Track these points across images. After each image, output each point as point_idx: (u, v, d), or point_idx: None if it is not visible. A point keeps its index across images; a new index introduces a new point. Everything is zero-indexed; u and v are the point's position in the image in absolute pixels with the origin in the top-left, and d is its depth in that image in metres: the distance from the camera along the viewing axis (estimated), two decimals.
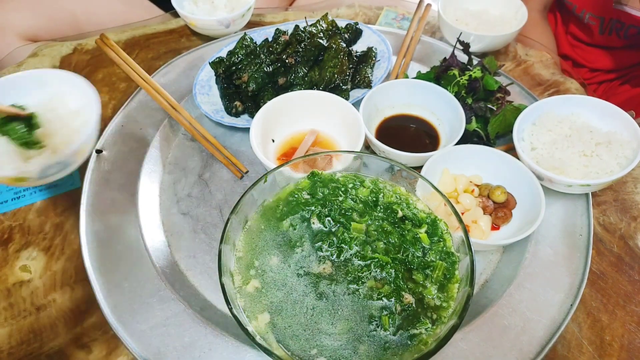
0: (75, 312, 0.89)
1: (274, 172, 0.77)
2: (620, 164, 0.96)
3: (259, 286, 0.69)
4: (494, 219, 0.96)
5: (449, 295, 0.68)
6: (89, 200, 1.02)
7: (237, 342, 0.82)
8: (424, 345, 0.63)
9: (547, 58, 1.40)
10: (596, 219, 1.02)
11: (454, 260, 0.71)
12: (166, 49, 1.44)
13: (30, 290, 0.92)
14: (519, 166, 0.97)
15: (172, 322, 0.85)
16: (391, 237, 0.73)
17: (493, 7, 1.43)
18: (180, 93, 1.25)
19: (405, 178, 0.80)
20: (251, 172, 1.11)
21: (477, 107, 1.09)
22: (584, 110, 1.05)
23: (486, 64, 1.14)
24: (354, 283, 0.69)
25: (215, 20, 1.37)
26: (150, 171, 1.10)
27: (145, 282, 0.90)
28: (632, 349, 0.84)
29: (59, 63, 1.37)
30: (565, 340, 0.85)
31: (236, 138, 1.17)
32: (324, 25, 1.30)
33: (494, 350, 0.81)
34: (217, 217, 1.03)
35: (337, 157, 0.82)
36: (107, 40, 1.18)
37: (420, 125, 1.17)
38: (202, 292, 0.91)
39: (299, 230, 0.75)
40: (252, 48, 1.26)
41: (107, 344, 0.85)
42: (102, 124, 1.22)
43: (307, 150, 1.09)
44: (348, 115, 1.07)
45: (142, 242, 0.96)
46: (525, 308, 0.86)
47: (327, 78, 1.18)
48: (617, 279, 0.93)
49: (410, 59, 1.34)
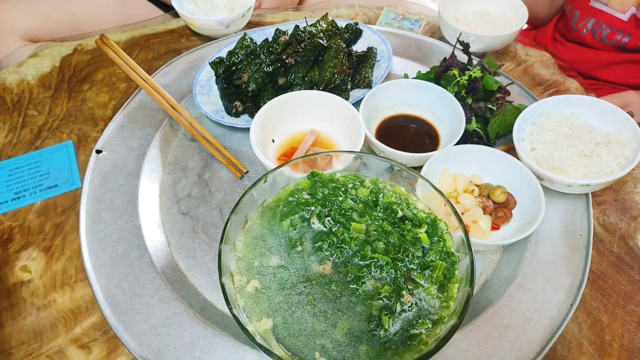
0: (75, 312, 0.89)
1: (274, 172, 0.77)
2: (620, 164, 0.96)
3: (259, 286, 0.69)
4: (494, 219, 0.96)
5: (449, 295, 0.68)
6: (89, 200, 1.02)
7: (237, 342, 0.82)
8: (424, 345, 0.63)
9: (547, 58, 1.40)
10: (596, 219, 1.02)
11: (454, 260, 0.71)
12: (166, 49, 1.44)
13: (30, 291, 0.92)
14: (519, 166, 0.97)
15: (172, 322, 0.85)
16: (391, 237, 0.73)
17: (493, 7, 1.43)
18: (180, 93, 1.25)
19: (405, 178, 0.80)
20: (251, 172, 1.11)
21: (477, 107, 1.09)
22: (584, 110, 1.05)
23: (486, 64, 1.14)
24: (354, 283, 0.69)
25: (215, 20, 1.37)
26: (150, 171, 1.10)
27: (145, 282, 0.90)
28: (632, 349, 0.84)
29: (59, 63, 1.38)
30: (565, 340, 0.85)
31: (236, 138, 1.17)
32: (324, 25, 1.30)
33: (494, 350, 0.81)
34: (217, 217, 1.03)
35: (337, 157, 0.82)
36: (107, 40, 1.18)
37: (420, 125, 1.17)
38: (202, 292, 0.91)
39: (299, 230, 0.75)
40: (252, 48, 1.26)
41: (107, 344, 0.85)
42: (102, 124, 1.23)
43: (307, 150, 1.09)
44: (348, 115, 1.07)
45: (142, 242, 0.96)
46: (525, 308, 0.86)
47: (327, 78, 1.18)
48: (617, 279, 0.93)
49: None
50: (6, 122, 1.23)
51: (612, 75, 1.56)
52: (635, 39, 1.44)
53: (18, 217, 1.04)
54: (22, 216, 1.04)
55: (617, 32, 1.47)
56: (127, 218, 1.00)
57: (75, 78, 1.34)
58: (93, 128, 1.22)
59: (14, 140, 1.19)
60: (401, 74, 1.30)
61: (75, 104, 1.28)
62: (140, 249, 0.95)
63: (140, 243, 0.96)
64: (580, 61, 1.59)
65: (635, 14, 1.42)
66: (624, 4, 1.44)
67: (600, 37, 1.51)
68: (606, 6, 1.47)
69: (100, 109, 1.27)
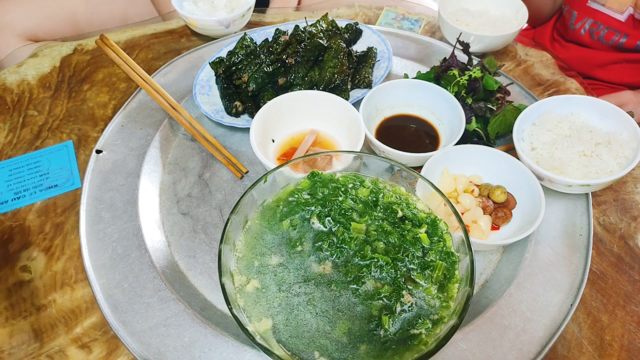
0: (75, 312, 0.89)
1: (274, 172, 0.77)
2: (620, 164, 0.96)
3: (259, 286, 0.69)
4: (494, 219, 0.96)
5: (449, 295, 0.68)
6: (89, 200, 1.02)
7: (237, 342, 0.82)
8: (424, 346, 0.63)
9: (547, 58, 1.40)
10: (596, 219, 1.02)
11: (454, 260, 0.71)
12: (166, 49, 1.44)
13: (30, 291, 0.92)
14: (519, 166, 0.97)
15: (172, 322, 0.85)
16: (391, 237, 0.73)
17: (493, 7, 1.43)
18: (180, 93, 1.25)
19: (405, 178, 0.80)
20: (251, 172, 1.11)
21: (477, 107, 1.09)
22: (584, 110, 1.05)
23: (486, 64, 1.14)
24: (354, 283, 0.69)
25: (215, 20, 1.37)
26: (150, 171, 1.10)
27: (145, 282, 0.90)
28: (632, 349, 0.84)
29: (59, 63, 1.38)
30: (565, 340, 0.85)
31: (236, 138, 1.17)
32: (324, 25, 1.30)
33: (494, 350, 0.81)
34: (217, 217, 1.03)
35: (337, 157, 0.82)
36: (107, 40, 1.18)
37: (420, 125, 1.17)
38: (202, 292, 0.91)
39: (299, 230, 0.75)
40: (252, 48, 1.26)
41: (107, 344, 0.85)
42: (102, 124, 1.23)
43: (307, 150, 1.09)
44: (348, 115, 1.07)
45: (142, 242, 0.96)
46: (525, 308, 0.86)
47: (327, 78, 1.18)
48: (617, 279, 0.93)
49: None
50: (6, 122, 1.24)
51: (610, 75, 1.56)
52: (633, 39, 1.44)
53: (18, 217, 1.04)
54: (22, 216, 1.04)
55: (615, 33, 1.46)
56: (127, 218, 1.00)
57: (75, 78, 1.35)
58: (93, 128, 1.22)
59: (14, 140, 1.20)
60: (401, 74, 1.30)
61: (76, 104, 1.28)
62: (140, 249, 0.95)
63: (140, 243, 0.96)
64: (578, 61, 1.58)
65: (633, 15, 1.42)
66: (622, 4, 1.43)
67: (598, 37, 1.51)
68: (604, 7, 1.47)
69: (100, 109, 1.27)
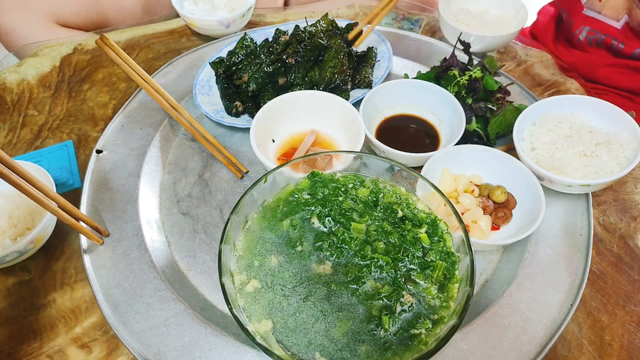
0: (75, 312, 0.89)
1: (274, 172, 0.77)
2: (620, 164, 0.96)
3: (259, 286, 0.69)
4: (494, 219, 0.96)
5: (449, 295, 0.68)
6: (89, 200, 1.02)
7: (237, 342, 0.82)
8: (424, 346, 0.63)
9: (547, 58, 1.40)
10: (596, 219, 1.02)
11: (454, 260, 0.71)
12: (166, 49, 1.44)
13: (30, 290, 0.92)
14: (519, 166, 0.97)
15: (172, 322, 0.85)
16: (391, 237, 0.73)
17: (493, 8, 1.43)
18: (181, 93, 1.25)
19: (405, 178, 0.80)
20: (251, 172, 1.11)
21: (477, 107, 1.09)
22: (584, 110, 1.05)
23: (486, 64, 1.14)
24: (354, 283, 0.69)
25: (215, 20, 1.37)
26: (150, 171, 1.10)
27: (145, 282, 0.90)
28: (632, 349, 0.84)
29: (59, 63, 1.38)
30: (565, 340, 0.85)
31: (236, 138, 1.17)
32: (324, 25, 1.30)
33: (494, 350, 0.81)
34: (217, 217, 1.03)
35: (337, 157, 0.82)
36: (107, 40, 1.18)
37: (420, 126, 1.17)
38: (202, 292, 0.91)
39: (299, 230, 0.75)
40: (252, 48, 1.26)
41: (107, 344, 0.85)
42: (103, 124, 1.23)
43: (307, 151, 1.09)
44: (348, 115, 1.07)
45: (142, 242, 0.96)
46: (525, 308, 0.86)
47: (327, 78, 1.18)
48: (617, 279, 0.93)
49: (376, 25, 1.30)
50: (6, 122, 1.24)
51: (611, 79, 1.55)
52: (629, 47, 1.44)
53: None
54: None
55: (612, 40, 1.46)
56: (127, 218, 1.00)
57: (75, 78, 1.35)
58: (93, 128, 1.22)
59: (14, 140, 1.20)
60: (401, 74, 1.30)
61: (76, 104, 1.28)
62: (140, 249, 0.95)
63: (140, 243, 0.96)
64: (581, 64, 1.58)
65: (629, 22, 1.42)
66: (617, 12, 1.43)
67: (596, 43, 1.51)
68: (599, 14, 1.47)
69: (101, 108, 1.27)
